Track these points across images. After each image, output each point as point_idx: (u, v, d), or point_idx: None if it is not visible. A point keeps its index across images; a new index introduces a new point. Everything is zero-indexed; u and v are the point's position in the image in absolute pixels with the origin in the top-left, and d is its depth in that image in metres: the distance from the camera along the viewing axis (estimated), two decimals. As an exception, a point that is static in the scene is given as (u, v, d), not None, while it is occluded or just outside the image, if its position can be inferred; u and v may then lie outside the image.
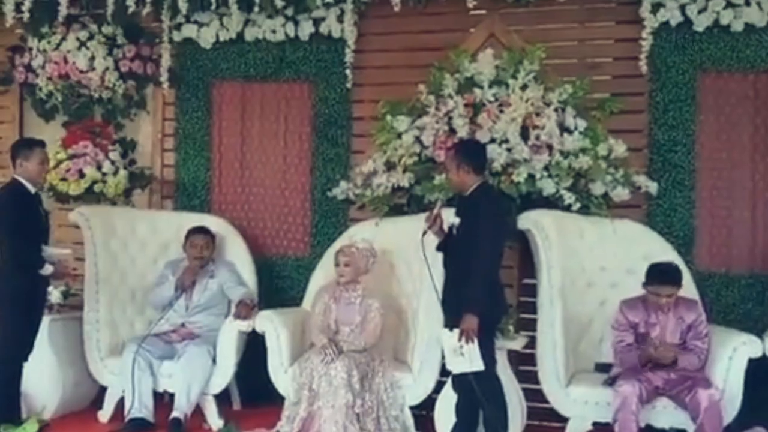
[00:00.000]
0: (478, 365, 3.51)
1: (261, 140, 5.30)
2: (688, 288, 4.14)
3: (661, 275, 3.84)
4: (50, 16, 5.01)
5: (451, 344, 3.53)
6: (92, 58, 5.09)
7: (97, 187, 5.06)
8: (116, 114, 5.38)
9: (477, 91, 4.36)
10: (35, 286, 4.16)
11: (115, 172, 5.12)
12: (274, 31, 5.13)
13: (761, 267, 4.50)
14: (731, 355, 3.79)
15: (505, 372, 3.86)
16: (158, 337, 4.55)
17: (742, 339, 3.84)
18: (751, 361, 3.79)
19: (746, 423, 3.82)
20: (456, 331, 3.51)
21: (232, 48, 5.24)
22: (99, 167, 5.09)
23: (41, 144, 4.28)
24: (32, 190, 4.17)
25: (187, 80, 5.36)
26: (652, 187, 4.52)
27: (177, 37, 5.29)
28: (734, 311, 4.46)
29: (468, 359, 3.51)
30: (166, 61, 5.26)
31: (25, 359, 4.14)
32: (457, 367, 3.59)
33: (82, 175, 5.05)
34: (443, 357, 3.97)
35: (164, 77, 5.26)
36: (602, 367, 4.13)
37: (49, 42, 5.14)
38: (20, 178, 4.14)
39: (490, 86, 4.37)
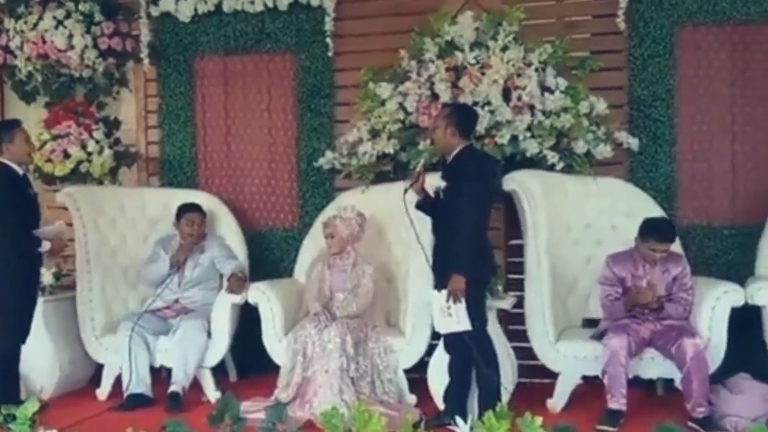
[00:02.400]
0: (466, 325, 3.58)
1: (245, 113, 5.29)
2: (672, 241, 4.23)
3: (658, 232, 3.90)
4: (26, -4, 4.97)
5: (439, 305, 3.60)
6: (70, 37, 5.03)
7: (82, 167, 5.05)
8: (98, 93, 5.35)
9: (458, 54, 4.37)
10: (29, 268, 4.16)
11: (100, 151, 5.10)
12: (252, 2, 5.10)
13: (742, 218, 4.57)
14: (714, 305, 3.87)
15: (495, 331, 3.91)
16: (152, 313, 4.59)
17: (724, 288, 3.92)
18: (734, 310, 3.88)
19: (731, 370, 3.89)
20: (444, 291, 3.57)
21: (211, 21, 5.21)
22: (84, 147, 5.07)
23: (18, 123, 4.26)
24: (20, 172, 4.16)
25: (168, 55, 5.33)
26: (634, 143, 4.57)
27: (155, 11, 5.25)
28: (716, 262, 4.54)
29: (455, 319, 3.57)
30: (145, 36, 5.22)
31: (23, 342, 4.17)
32: (445, 327, 3.66)
33: (67, 155, 5.03)
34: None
35: (144, 53, 5.23)
36: (590, 323, 4.21)
37: (26, 22, 5.07)
38: (6, 161, 4.12)
39: (471, 49, 4.38)
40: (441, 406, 3.91)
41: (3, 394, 3.96)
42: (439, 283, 3.66)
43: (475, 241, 3.61)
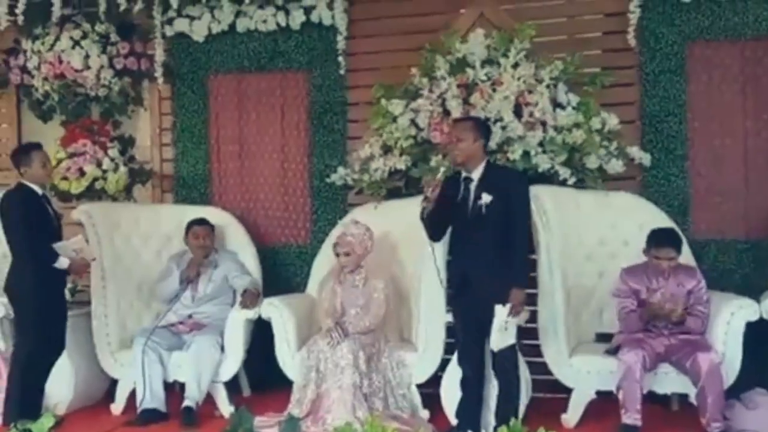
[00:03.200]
0: (513, 338, 3.62)
1: (258, 130, 5.34)
2: (686, 255, 4.21)
3: (660, 238, 3.92)
4: (43, 17, 5.04)
5: (500, 320, 3.54)
6: (87, 57, 5.13)
7: (98, 185, 5.11)
8: (113, 111, 5.42)
9: (469, 71, 4.41)
10: (51, 283, 4.20)
11: (115, 169, 5.17)
12: (265, 21, 5.17)
13: (756, 232, 4.55)
14: (729, 320, 3.85)
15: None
16: (167, 328, 4.62)
17: (739, 303, 3.90)
18: (748, 325, 3.86)
19: (746, 385, 3.87)
20: (505, 306, 3.54)
21: (224, 40, 5.28)
22: (99, 164, 5.14)
23: (38, 147, 4.33)
24: (39, 191, 4.23)
25: (182, 74, 5.40)
26: (646, 158, 4.57)
27: (169, 31, 5.33)
28: (731, 277, 4.52)
29: (509, 333, 3.58)
30: (159, 56, 5.29)
31: (56, 356, 4.22)
32: (500, 342, 3.59)
33: (82, 173, 5.10)
34: (446, 335, 4.06)
35: (159, 72, 5.30)
36: (603, 337, 4.20)
37: (43, 43, 5.18)
38: (26, 182, 4.21)
39: (482, 66, 4.42)
40: (454, 421, 3.90)
41: (22, 406, 3.99)
42: (499, 298, 3.58)
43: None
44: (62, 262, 4.14)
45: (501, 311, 3.55)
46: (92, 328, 4.64)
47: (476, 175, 3.71)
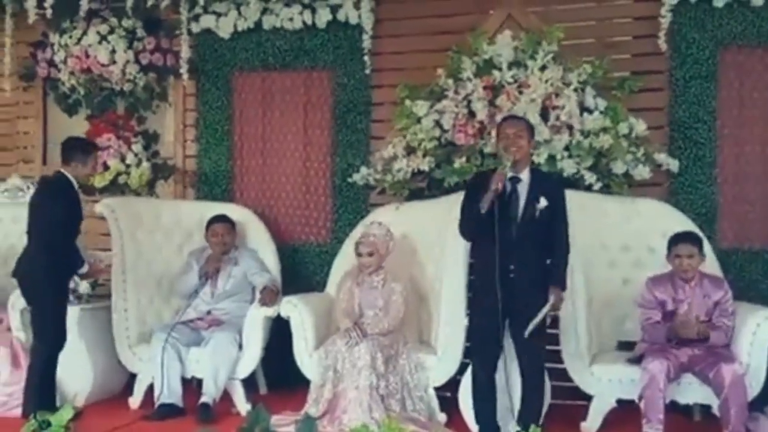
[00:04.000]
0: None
1: (281, 128, 5.35)
2: (712, 265, 4.15)
3: (678, 236, 3.91)
4: (71, 12, 5.08)
5: (541, 313, 3.56)
6: (113, 52, 5.16)
7: (121, 179, 5.15)
8: (138, 106, 5.45)
9: (496, 73, 4.37)
10: (64, 274, 4.25)
11: (139, 164, 5.20)
12: (291, 19, 5.17)
13: (783, 243, 4.49)
14: (755, 331, 3.78)
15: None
16: (185, 324, 4.62)
17: (765, 314, 3.83)
18: (775, 337, 3.79)
19: (772, 398, 3.81)
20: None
21: (250, 37, 5.29)
22: (123, 159, 5.19)
23: (97, 148, 4.51)
24: (76, 186, 4.27)
25: (207, 71, 5.41)
26: (673, 164, 4.51)
27: (196, 28, 5.34)
28: (757, 287, 4.46)
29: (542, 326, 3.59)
30: (185, 52, 5.30)
31: (61, 349, 4.23)
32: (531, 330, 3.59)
33: (106, 167, 5.15)
34: (466, 339, 4.02)
35: (184, 69, 5.31)
36: (625, 345, 4.14)
37: (70, 37, 5.21)
38: (68, 175, 4.23)
39: (509, 68, 4.39)
40: (471, 424, 3.85)
41: (41, 399, 4.01)
42: (541, 299, 3.58)
43: None
44: (84, 267, 4.26)
45: (542, 308, 3.56)
46: (112, 321, 4.65)
47: (525, 176, 3.62)
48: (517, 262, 3.56)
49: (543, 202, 3.56)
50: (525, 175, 3.63)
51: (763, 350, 3.77)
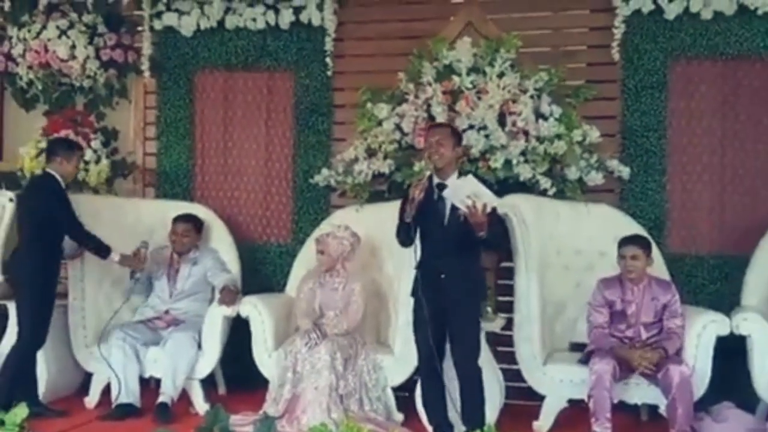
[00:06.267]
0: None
1: (243, 128, 5.35)
2: (660, 269, 4.29)
3: (624, 239, 4.04)
4: (30, 5, 5.03)
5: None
6: (73, 47, 5.11)
7: (79, 176, 5.07)
8: (98, 103, 5.40)
9: (455, 78, 4.44)
10: (51, 272, 4.27)
11: (98, 161, 5.14)
12: (254, 20, 5.18)
13: (729, 248, 4.64)
14: (700, 333, 3.92)
15: (484, 353, 3.96)
16: (143, 323, 4.62)
17: (711, 317, 3.98)
18: (719, 339, 3.93)
19: (715, 399, 3.95)
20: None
21: (213, 36, 5.28)
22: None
23: (81, 148, 4.58)
24: (63, 185, 4.30)
25: (169, 69, 5.38)
26: (625, 171, 4.63)
27: (158, 25, 5.31)
28: (703, 291, 4.60)
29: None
30: (147, 49, 5.28)
31: (38, 347, 4.25)
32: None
33: (64, 164, 5.07)
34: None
35: (145, 66, 5.29)
36: (577, 347, 4.25)
37: (29, 31, 5.14)
38: (54, 173, 4.26)
39: (468, 74, 4.45)
40: (427, 424, 3.92)
41: (8, 395, 3.97)
42: (469, 297, 3.69)
43: None
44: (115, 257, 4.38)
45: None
46: (68, 320, 4.61)
47: (451, 182, 3.68)
48: (446, 266, 3.65)
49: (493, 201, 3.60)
50: (451, 181, 3.68)
51: (709, 352, 3.91)
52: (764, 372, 3.94)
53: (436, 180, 3.71)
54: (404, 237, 3.72)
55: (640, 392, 3.98)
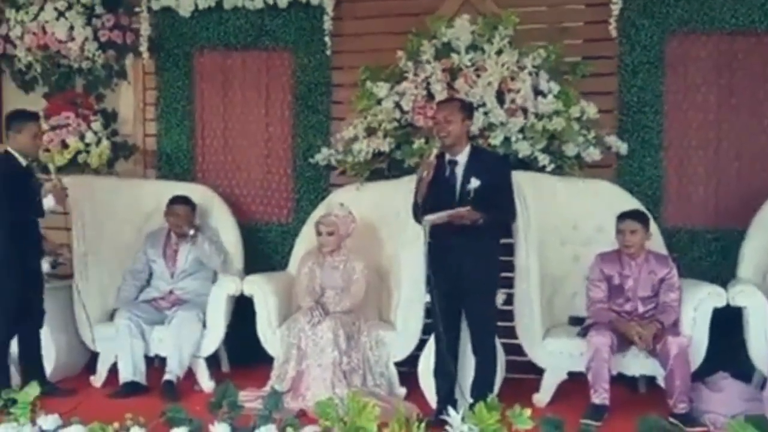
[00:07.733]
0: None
1: (242, 108, 5.36)
2: (657, 243, 4.34)
3: (623, 214, 4.08)
4: (28, -14, 5.02)
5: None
6: (71, 28, 5.10)
7: (80, 158, 5.11)
8: (97, 84, 5.41)
9: (454, 56, 4.46)
10: (23, 256, 4.19)
11: (98, 142, 5.16)
12: (252, -1, 5.18)
13: (725, 223, 4.69)
14: (697, 306, 3.99)
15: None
16: (148, 303, 4.68)
17: (707, 290, 4.04)
18: (715, 311, 4.00)
19: (711, 369, 4.02)
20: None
21: (211, 16, 5.26)
22: (82, 138, 5.13)
23: (34, 117, 4.29)
24: (23, 162, 4.20)
25: (167, 49, 5.38)
26: (622, 147, 4.67)
27: (155, 5, 5.29)
28: (700, 265, 4.66)
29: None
30: (145, 30, 5.27)
31: (9, 338, 4.21)
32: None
33: (65, 145, 5.10)
34: (425, 316, 4.15)
35: (144, 47, 5.28)
36: (576, 321, 4.32)
37: (27, 12, 5.13)
38: (12, 150, 4.17)
39: (467, 51, 4.47)
40: (429, 397, 3.99)
41: None
42: (483, 279, 3.75)
43: None
44: (48, 202, 4.14)
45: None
46: (73, 301, 4.66)
47: (462, 158, 3.73)
48: (460, 242, 3.67)
49: (474, 183, 3.66)
50: (462, 157, 3.72)
51: (705, 324, 3.98)
52: (759, 343, 4.00)
53: (447, 157, 3.74)
54: (419, 215, 3.74)
55: (638, 364, 4.04)
